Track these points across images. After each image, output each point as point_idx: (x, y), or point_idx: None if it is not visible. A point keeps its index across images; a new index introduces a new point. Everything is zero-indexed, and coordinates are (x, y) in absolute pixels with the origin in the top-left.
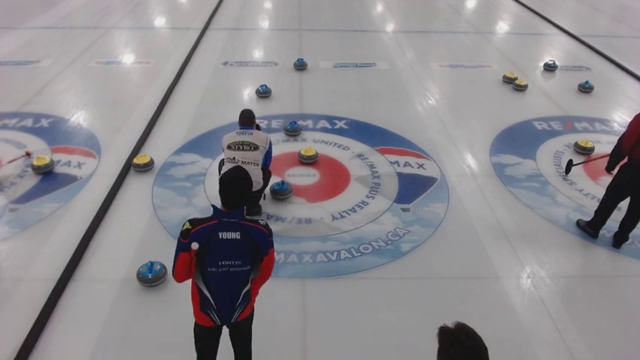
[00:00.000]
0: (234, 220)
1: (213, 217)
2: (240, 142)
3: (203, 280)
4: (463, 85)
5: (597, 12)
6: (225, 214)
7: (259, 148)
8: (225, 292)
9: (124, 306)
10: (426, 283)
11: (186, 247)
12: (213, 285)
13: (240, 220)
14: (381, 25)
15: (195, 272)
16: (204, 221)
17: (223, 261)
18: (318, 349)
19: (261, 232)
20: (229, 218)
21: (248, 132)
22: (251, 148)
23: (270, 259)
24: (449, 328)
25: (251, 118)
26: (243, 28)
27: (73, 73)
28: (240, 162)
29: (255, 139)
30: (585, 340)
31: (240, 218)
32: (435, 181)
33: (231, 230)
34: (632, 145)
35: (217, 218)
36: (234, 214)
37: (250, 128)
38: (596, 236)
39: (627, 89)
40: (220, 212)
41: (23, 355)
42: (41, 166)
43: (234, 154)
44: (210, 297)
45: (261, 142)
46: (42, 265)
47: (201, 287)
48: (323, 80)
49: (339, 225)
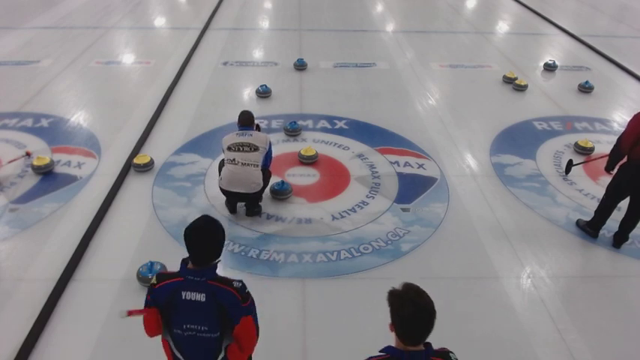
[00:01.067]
0: (200, 279)
1: (179, 274)
2: (240, 143)
3: (172, 340)
4: (463, 85)
5: (597, 12)
6: (192, 272)
7: (259, 149)
8: (198, 357)
9: (124, 306)
10: (426, 283)
11: (148, 304)
12: (183, 347)
13: (209, 279)
14: (381, 25)
15: (164, 330)
16: (170, 277)
17: (188, 324)
18: (318, 349)
19: (231, 295)
20: (195, 276)
21: (248, 133)
22: (251, 149)
23: (245, 327)
24: (398, 290)
25: (250, 118)
26: (243, 28)
27: (73, 73)
28: (240, 163)
29: (255, 140)
30: (585, 340)
31: (209, 277)
32: (435, 181)
33: (196, 290)
34: (631, 145)
35: (183, 275)
36: (202, 272)
37: (250, 129)
38: (596, 236)
39: (627, 89)
40: (186, 269)
41: (23, 355)
42: (41, 166)
43: (234, 156)
44: (182, 358)
45: (261, 143)
46: (42, 265)
47: (172, 346)
48: (323, 80)
49: (339, 225)
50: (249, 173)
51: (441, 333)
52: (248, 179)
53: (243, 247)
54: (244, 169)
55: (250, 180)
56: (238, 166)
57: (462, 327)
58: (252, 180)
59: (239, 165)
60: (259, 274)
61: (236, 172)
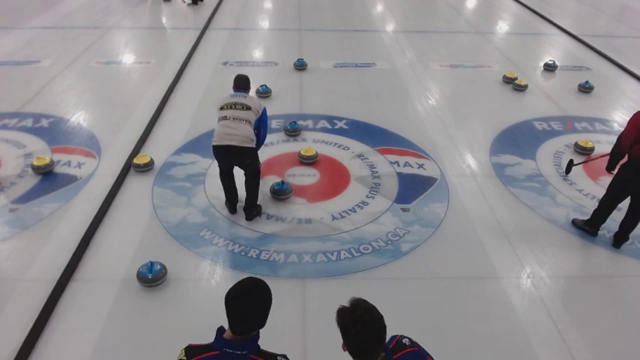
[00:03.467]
0: (241, 353)
1: (214, 347)
2: (233, 102)
3: None
4: (463, 85)
5: (597, 12)
6: (230, 343)
7: (252, 109)
8: None
9: (124, 306)
10: (426, 283)
11: None
12: None
13: (251, 352)
14: (381, 25)
15: None
16: (204, 351)
17: None
18: (318, 349)
19: None
20: (235, 349)
21: (242, 95)
22: (243, 108)
23: None
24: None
25: (245, 82)
26: (243, 28)
27: (73, 73)
28: (232, 118)
29: (249, 101)
30: (585, 340)
31: (252, 350)
32: (435, 181)
33: None
34: (631, 143)
35: (219, 348)
36: (243, 344)
37: (245, 92)
38: (595, 234)
39: (627, 89)
40: (223, 340)
41: (23, 355)
42: (41, 166)
43: (226, 113)
44: None
45: (254, 105)
46: (42, 265)
47: None
48: (323, 80)
49: (339, 225)
50: (241, 127)
51: (441, 333)
52: (240, 133)
53: (243, 247)
54: (236, 122)
55: (243, 134)
56: (230, 120)
57: (462, 327)
58: (244, 134)
59: (230, 120)
60: (259, 274)
61: (228, 125)
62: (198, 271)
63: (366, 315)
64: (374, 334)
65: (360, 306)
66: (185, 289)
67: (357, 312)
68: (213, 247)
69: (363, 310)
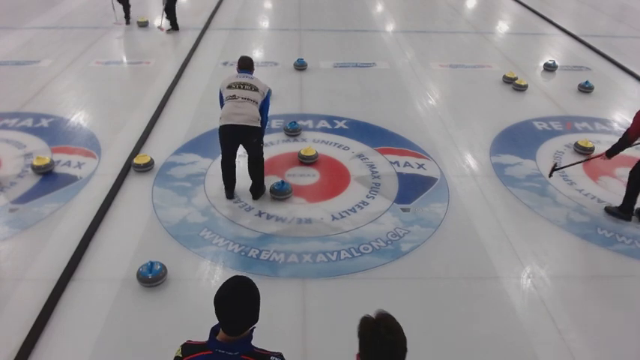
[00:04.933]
0: (232, 354)
1: (207, 346)
2: (241, 82)
3: None
4: (463, 85)
5: (597, 12)
6: (222, 345)
7: (259, 91)
8: None
9: (124, 306)
10: (426, 283)
11: None
12: None
13: (242, 353)
14: (381, 25)
15: None
16: (198, 350)
17: None
18: (318, 349)
19: None
20: (227, 350)
21: (248, 76)
22: (251, 88)
23: None
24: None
25: (250, 63)
26: (243, 28)
27: (73, 73)
28: (241, 98)
29: (256, 82)
30: (585, 340)
31: (243, 351)
32: (435, 181)
33: None
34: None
35: (212, 349)
36: (234, 345)
37: (250, 73)
38: (629, 219)
39: (627, 89)
40: (215, 341)
41: (23, 355)
42: (41, 166)
43: (235, 92)
44: None
45: (261, 87)
46: (42, 265)
47: None
48: (323, 80)
49: (339, 225)
50: (248, 107)
51: (441, 333)
52: (247, 112)
53: (243, 247)
54: (244, 103)
55: (250, 113)
56: (239, 100)
57: (462, 327)
58: (251, 113)
59: (239, 100)
60: (259, 274)
61: (236, 105)
62: (198, 271)
63: (389, 335)
64: (395, 355)
65: (385, 322)
66: (185, 289)
67: (381, 329)
68: (213, 247)
69: (387, 329)
